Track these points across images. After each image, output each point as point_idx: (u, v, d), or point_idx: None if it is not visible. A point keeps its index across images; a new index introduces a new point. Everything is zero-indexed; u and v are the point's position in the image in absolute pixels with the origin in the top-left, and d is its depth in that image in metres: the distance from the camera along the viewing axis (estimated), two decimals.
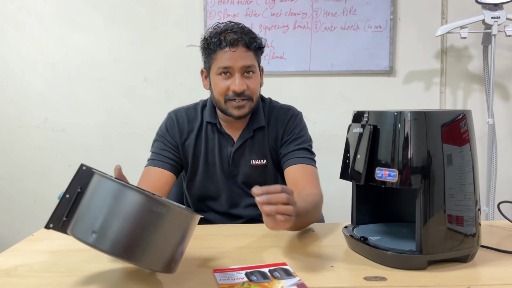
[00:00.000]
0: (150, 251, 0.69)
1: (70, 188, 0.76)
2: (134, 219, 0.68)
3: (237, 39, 1.20)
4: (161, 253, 0.71)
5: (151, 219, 0.69)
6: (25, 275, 0.84)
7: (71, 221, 0.75)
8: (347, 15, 2.36)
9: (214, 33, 1.23)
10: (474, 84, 2.41)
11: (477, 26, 2.23)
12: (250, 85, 1.23)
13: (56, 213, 0.75)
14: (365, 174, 0.87)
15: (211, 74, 1.25)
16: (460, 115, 0.86)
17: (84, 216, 0.71)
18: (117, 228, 0.67)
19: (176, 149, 1.31)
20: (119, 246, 0.67)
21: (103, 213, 0.68)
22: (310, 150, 1.32)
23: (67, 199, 0.75)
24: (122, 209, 0.68)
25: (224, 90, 1.22)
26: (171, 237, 0.72)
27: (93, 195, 0.72)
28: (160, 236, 0.70)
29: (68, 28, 2.41)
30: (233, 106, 1.23)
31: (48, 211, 0.79)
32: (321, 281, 0.80)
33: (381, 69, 2.38)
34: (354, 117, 0.95)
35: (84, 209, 0.72)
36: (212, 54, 1.23)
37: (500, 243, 1.01)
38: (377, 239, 0.93)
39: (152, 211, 0.69)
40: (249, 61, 1.22)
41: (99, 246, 0.67)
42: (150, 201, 0.69)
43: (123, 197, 0.69)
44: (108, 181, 0.71)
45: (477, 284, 0.79)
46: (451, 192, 0.83)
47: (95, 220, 0.68)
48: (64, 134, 2.47)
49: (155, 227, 0.69)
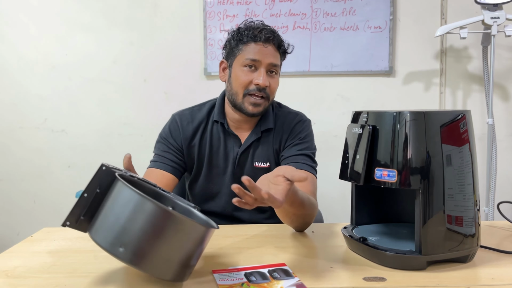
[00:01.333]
0: (171, 263, 0.72)
1: (89, 187, 0.76)
2: (163, 236, 0.70)
3: (271, 37, 1.23)
4: (178, 264, 0.73)
5: (179, 237, 0.72)
6: (24, 276, 0.84)
7: (91, 222, 0.76)
8: (346, 16, 2.36)
9: (249, 26, 1.26)
10: (473, 84, 2.41)
11: (476, 27, 2.23)
12: (272, 84, 1.25)
13: (73, 212, 0.75)
14: (364, 174, 0.87)
15: (235, 64, 1.26)
16: (460, 115, 0.86)
17: (112, 228, 0.71)
18: (146, 245, 0.69)
19: (179, 152, 1.31)
20: (144, 261, 0.70)
21: (135, 229, 0.70)
22: (313, 158, 1.30)
23: (85, 198, 0.75)
24: (154, 227, 0.70)
25: (246, 83, 1.23)
26: (190, 249, 0.74)
27: (122, 208, 0.72)
28: (182, 250, 0.73)
29: (67, 29, 2.41)
30: (249, 101, 1.23)
31: (47, 211, 0.79)
32: (321, 281, 0.80)
33: (380, 69, 2.38)
34: (353, 117, 0.95)
35: (112, 221, 0.72)
36: (242, 45, 1.24)
37: (499, 243, 1.01)
38: (377, 239, 0.93)
39: (180, 229, 0.71)
40: (276, 61, 1.26)
41: (126, 260, 0.70)
42: (182, 220, 0.71)
43: (155, 216, 0.70)
44: (146, 201, 0.70)
45: (476, 284, 0.78)
46: (450, 192, 0.83)
47: (125, 234, 0.70)
48: (64, 135, 2.47)
49: (180, 243, 0.72)
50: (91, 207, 0.76)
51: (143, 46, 2.42)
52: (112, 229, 0.71)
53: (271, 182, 0.83)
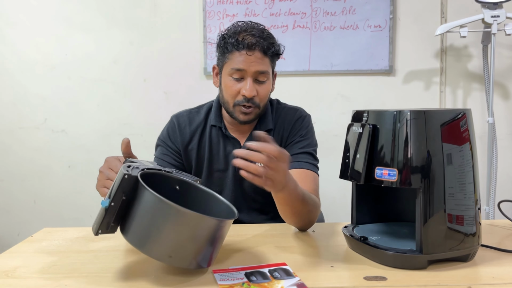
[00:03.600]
0: (199, 256, 0.80)
1: (115, 197, 0.79)
2: (201, 238, 0.79)
3: (255, 43, 1.16)
4: (202, 255, 0.80)
5: (210, 233, 0.79)
6: (24, 276, 0.84)
7: (122, 225, 0.81)
8: (346, 15, 2.36)
9: (233, 32, 1.19)
10: (474, 83, 2.40)
11: (476, 25, 2.23)
12: (260, 91, 1.21)
13: (104, 221, 0.79)
14: (364, 173, 0.87)
15: (223, 73, 1.23)
16: (460, 114, 0.86)
17: (157, 240, 0.77)
18: (189, 249, 0.78)
19: (178, 154, 1.31)
20: (178, 257, 0.78)
21: (177, 239, 0.77)
22: (314, 155, 1.29)
23: (112, 207, 0.79)
24: (196, 234, 0.78)
25: (235, 94, 1.20)
26: (208, 240, 0.81)
27: (163, 221, 0.77)
28: (207, 242, 0.80)
29: (67, 29, 2.41)
30: (240, 111, 1.21)
31: (48, 212, 0.78)
32: (321, 281, 0.80)
33: (380, 68, 2.38)
34: (353, 116, 0.95)
35: (153, 231, 0.77)
36: (227, 54, 1.20)
37: (500, 242, 1.01)
38: (377, 238, 0.93)
39: (210, 226, 0.79)
40: (263, 67, 1.19)
41: (173, 264, 0.79)
42: (215, 222, 0.79)
43: (196, 222, 0.78)
44: (184, 211, 0.77)
45: (477, 283, 0.78)
46: (451, 191, 0.83)
47: (170, 245, 0.77)
48: (64, 135, 2.47)
49: (212, 239, 0.80)
50: (119, 212, 0.80)
51: (143, 46, 2.41)
52: (162, 243, 0.77)
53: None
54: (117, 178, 0.79)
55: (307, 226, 1.12)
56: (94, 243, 1.04)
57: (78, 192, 2.47)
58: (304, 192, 1.03)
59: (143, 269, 0.87)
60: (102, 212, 0.79)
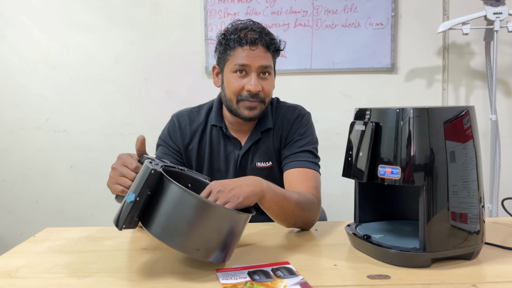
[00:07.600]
0: (223, 249, 0.83)
1: (141, 192, 0.80)
2: (227, 232, 0.82)
3: (258, 38, 1.18)
4: (225, 249, 0.84)
5: (234, 227, 0.84)
6: (26, 276, 0.84)
7: (147, 220, 0.82)
8: (348, 13, 2.35)
9: (234, 29, 1.20)
10: (476, 80, 2.40)
11: (479, 22, 2.22)
12: (264, 86, 1.21)
13: (129, 216, 0.80)
14: (367, 171, 0.86)
15: (225, 71, 1.23)
16: (463, 112, 0.85)
17: (186, 233, 0.79)
18: (215, 242, 0.81)
19: (179, 154, 1.30)
20: (211, 254, 0.81)
21: (207, 233, 0.80)
22: (314, 153, 1.27)
23: (138, 201, 0.80)
24: (223, 228, 0.82)
25: (239, 89, 1.20)
26: (236, 235, 0.86)
27: (194, 215, 0.79)
28: (230, 236, 0.84)
29: (68, 29, 2.41)
30: (245, 106, 1.20)
31: (50, 212, 0.78)
32: (324, 279, 0.80)
33: (382, 66, 2.37)
34: (356, 114, 0.94)
35: (182, 225, 0.79)
36: (229, 51, 1.20)
37: (504, 240, 1.01)
38: (380, 237, 0.92)
39: (236, 221, 0.84)
40: (267, 62, 1.20)
41: (200, 258, 0.81)
42: (235, 214, 0.83)
43: (226, 216, 0.82)
44: (218, 207, 0.82)
45: (482, 281, 0.78)
46: (454, 189, 0.83)
47: (200, 239, 0.80)
48: (66, 135, 2.47)
49: (232, 232, 0.84)
50: (142, 207, 0.81)
51: (144, 45, 2.41)
52: (192, 238, 0.79)
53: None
54: (142, 174, 0.80)
55: (306, 225, 1.11)
56: (97, 243, 1.05)
57: (81, 191, 2.47)
58: (283, 192, 1.02)
59: (146, 268, 0.87)
60: (127, 207, 0.79)
